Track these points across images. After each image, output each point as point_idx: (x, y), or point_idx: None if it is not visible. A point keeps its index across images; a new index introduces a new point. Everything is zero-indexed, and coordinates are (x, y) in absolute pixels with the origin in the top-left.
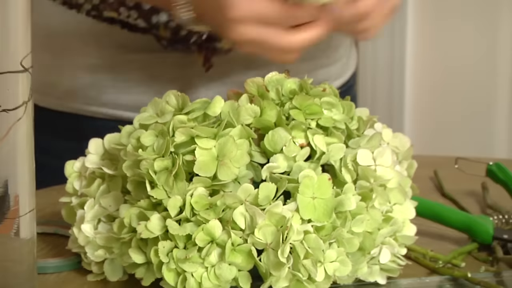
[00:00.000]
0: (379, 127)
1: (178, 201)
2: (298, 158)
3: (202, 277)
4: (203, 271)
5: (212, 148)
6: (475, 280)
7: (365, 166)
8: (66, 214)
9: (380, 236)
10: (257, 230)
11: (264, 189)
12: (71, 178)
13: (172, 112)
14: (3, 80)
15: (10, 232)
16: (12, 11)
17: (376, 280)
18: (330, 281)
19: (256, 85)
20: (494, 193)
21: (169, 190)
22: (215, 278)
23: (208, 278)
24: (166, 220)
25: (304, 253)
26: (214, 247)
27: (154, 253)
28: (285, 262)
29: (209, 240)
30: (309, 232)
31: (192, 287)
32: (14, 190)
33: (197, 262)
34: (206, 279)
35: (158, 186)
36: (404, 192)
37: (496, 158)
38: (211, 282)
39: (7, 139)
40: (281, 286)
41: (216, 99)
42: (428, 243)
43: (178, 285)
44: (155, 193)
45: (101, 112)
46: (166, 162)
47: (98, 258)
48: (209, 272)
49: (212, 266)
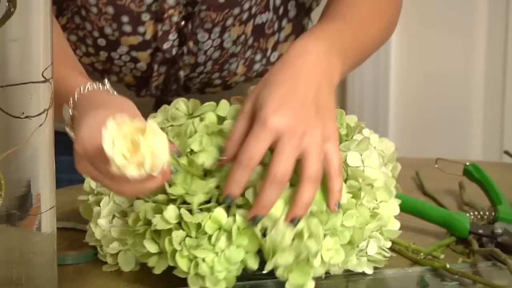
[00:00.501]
0: (366, 133)
1: (200, 198)
2: None
3: (214, 261)
4: (213, 256)
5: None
6: (453, 271)
7: (355, 167)
8: (83, 211)
9: (368, 231)
10: None
11: None
12: (88, 178)
13: (184, 116)
14: (26, 90)
15: (33, 227)
16: (34, 26)
17: (363, 270)
18: (325, 268)
19: None
20: (471, 191)
21: (187, 187)
22: (225, 261)
23: (219, 262)
24: (180, 210)
25: (308, 235)
26: (222, 233)
27: (168, 242)
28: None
29: (217, 227)
30: (312, 216)
31: (204, 271)
32: (36, 189)
33: (207, 248)
34: (217, 263)
35: (176, 184)
36: (390, 191)
37: (472, 159)
38: (222, 265)
39: (30, 143)
40: (286, 261)
41: (222, 102)
42: (410, 236)
43: (191, 270)
44: (173, 190)
45: None
46: (183, 162)
47: (113, 250)
48: (219, 256)
49: (222, 251)
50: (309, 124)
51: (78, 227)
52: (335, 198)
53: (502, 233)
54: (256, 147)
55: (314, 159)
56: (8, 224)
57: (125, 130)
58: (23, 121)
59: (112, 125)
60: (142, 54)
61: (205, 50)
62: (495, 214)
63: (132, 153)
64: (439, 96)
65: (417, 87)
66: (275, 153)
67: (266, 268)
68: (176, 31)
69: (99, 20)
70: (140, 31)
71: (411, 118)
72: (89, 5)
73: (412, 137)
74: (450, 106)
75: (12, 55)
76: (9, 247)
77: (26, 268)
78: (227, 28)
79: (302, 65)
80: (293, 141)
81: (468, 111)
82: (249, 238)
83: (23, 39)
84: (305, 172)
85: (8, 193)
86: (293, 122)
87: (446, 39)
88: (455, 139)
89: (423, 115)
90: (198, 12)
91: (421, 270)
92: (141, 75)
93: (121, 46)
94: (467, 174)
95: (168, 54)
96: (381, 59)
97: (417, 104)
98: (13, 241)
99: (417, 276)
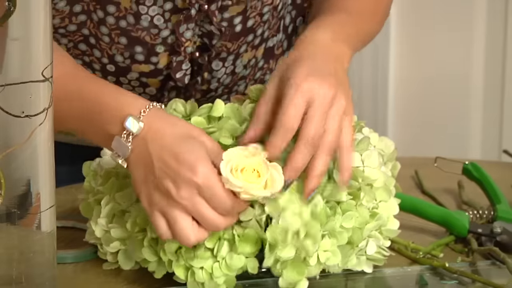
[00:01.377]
0: (366, 132)
1: None
2: None
3: (213, 267)
4: (213, 262)
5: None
6: (453, 270)
7: (355, 167)
8: (83, 209)
9: (367, 230)
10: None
11: None
12: (88, 177)
13: (181, 117)
14: (25, 89)
15: (33, 226)
16: (34, 26)
17: (363, 269)
18: (320, 268)
19: (257, 91)
20: (470, 190)
21: None
22: (226, 268)
23: (220, 268)
24: None
25: (304, 234)
26: (223, 243)
27: (163, 252)
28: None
29: (216, 239)
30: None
31: (202, 279)
32: (36, 188)
33: (205, 257)
34: (217, 269)
35: None
36: (389, 190)
37: (471, 158)
38: (222, 272)
39: (30, 142)
40: (287, 255)
41: (217, 102)
42: (410, 235)
43: (188, 278)
44: None
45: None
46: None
47: (113, 249)
48: (220, 263)
49: (223, 259)
50: (336, 92)
51: (78, 226)
52: (346, 174)
53: (501, 232)
54: (295, 110)
55: (333, 130)
56: (8, 223)
57: (243, 156)
58: (23, 120)
59: (232, 152)
60: (153, 81)
61: (219, 78)
62: (494, 213)
63: (255, 176)
64: (438, 95)
65: (416, 85)
66: (308, 117)
67: (265, 263)
68: (189, 61)
69: (110, 49)
70: (153, 61)
71: (410, 117)
72: (101, 35)
73: (411, 136)
74: (449, 105)
75: (12, 54)
76: (9, 246)
77: (26, 266)
78: (240, 54)
79: (315, 50)
80: (323, 107)
81: (467, 109)
82: (251, 243)
83: (23, 38)
84: (324, 142)
85: (8, 192)
86: (323, 88)
87: (445, 37)
88: (454, 138)
89: (422, 114)
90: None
91: (420, 269)
92: (150, 98)
93: (131, 72)
94: (466, 173)
95: (180, 83)
96: (380, 58)
97: (416, 103)
98: (13, 240)
99: (416, 275)
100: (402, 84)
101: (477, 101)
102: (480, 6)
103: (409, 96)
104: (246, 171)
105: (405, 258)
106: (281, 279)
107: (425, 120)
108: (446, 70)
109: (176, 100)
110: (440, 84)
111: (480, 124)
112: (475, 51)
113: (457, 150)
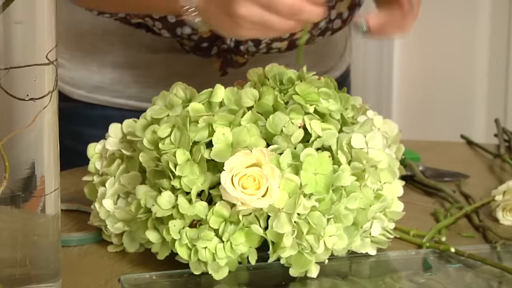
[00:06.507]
0: (371, 114)
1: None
2: (296, 136)
3: (217, 248)
4: (217, 241)
5: (228, 135)
6: (460, 252)
7: (359, 149)
8: (88, 191)
9: (371, 212)
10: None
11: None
12: (93, 159)
13: (181, 104)
14: (30, 72)
15: (37, 209)
16: (39, 10)
17: (367, 252)
18: (329, 253)
19: (257, 74)
20: None
21: (196, 178)
22: (230, 250)
23: (224, 249)
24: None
25: (307, 230)
26: (228, 225)
27: (166, 231)
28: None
29: (222, 221)
30: (314, 209)
31: (205, 258)
32: (40, 171)
33: (209, 238)
34: (221, 250)
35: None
36: (393, 172)
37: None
38: (225, 253)
39: (34, 125)
40: (288, 255)
41: (217, 87)
42: (413, 219)
43: (192, 257)
44: (176, 183)
45: (127, 104)
46: (188, 154)
47: (118, 230)
48: (225, 244)
49: (228, 240)
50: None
51: (82, 209)
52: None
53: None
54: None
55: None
56: (13, 206)
57: (246, 164)
58: (28, 103)
59: (235, 160)
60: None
61: None
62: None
63: (255, 187)
64: (442, 78)
65: (420, 69)
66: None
67: (270, 260)
68: None
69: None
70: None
71: (414, 100)
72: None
73: (415, 120)
74: (453, 90)
75: (16, 37)
76: (14, 229)
77: (31, 249)
78: None
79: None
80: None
81: (471, 94)
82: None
83: (27, 21)
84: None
85: (13, 175)
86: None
87: (450, 22)
88: (458, 122)
89: (426, 98)
90: None
91: (424, 252)
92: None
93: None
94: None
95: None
96: (384, 42)
97: (421, 86)
98: (18, 223)
99: (421, 258)
100: (406, 67)
101: (482, 85)
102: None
103: (413, 79)
104: (247, 180)
105: (410, 243)
106: (291, 269)
107: (430, 104)
108: (450, 53)
109: (177, 84)
110: (445, 67)
111: (484, 108)
112: (480, 33)
113: (462, 133)
